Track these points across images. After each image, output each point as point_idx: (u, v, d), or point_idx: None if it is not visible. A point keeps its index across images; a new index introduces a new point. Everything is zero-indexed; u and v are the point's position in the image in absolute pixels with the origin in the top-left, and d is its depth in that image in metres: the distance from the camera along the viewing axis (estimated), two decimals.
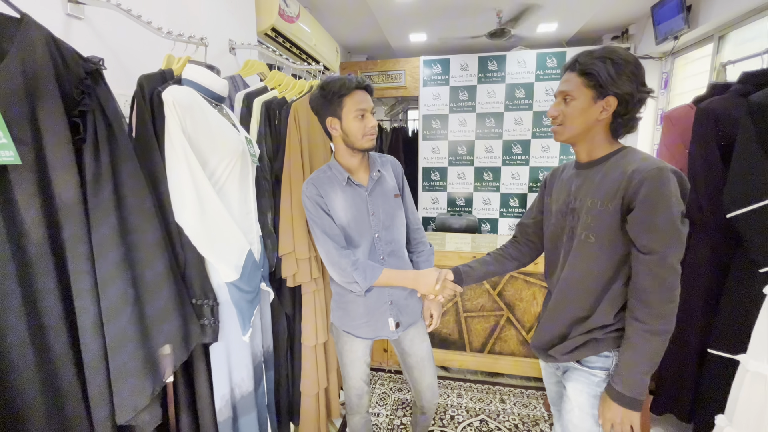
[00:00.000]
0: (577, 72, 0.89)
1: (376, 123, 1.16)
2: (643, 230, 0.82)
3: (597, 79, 0.85)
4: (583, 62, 0.88)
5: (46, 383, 0.74)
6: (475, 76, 3.61)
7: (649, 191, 0.80)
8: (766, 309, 1.00)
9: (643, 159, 0.85)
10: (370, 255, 1.21)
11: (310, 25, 2.66)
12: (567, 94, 0.91)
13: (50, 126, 0.71)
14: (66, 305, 0.78)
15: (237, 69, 1.72)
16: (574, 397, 0.96)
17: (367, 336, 1.25)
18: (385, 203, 1.22)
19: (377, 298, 1.21)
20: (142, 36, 1.21)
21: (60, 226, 0.76)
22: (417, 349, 1.30)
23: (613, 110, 0.87)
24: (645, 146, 3.20)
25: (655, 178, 0.80)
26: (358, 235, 1.18)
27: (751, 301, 1.19)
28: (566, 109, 0.92)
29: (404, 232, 1.29)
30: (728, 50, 2.42)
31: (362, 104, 1.11)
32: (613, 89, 0.85)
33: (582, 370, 0.96)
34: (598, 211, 0.88)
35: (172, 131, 0.97)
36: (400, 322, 1.24)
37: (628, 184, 0.83)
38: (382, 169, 1.24)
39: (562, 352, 0.96)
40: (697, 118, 1.52)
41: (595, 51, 0.88)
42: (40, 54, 0.70)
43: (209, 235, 1.03)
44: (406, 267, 1.27)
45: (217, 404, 1.12)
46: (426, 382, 1.32)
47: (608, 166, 0.90)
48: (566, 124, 0.93)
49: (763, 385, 0.93)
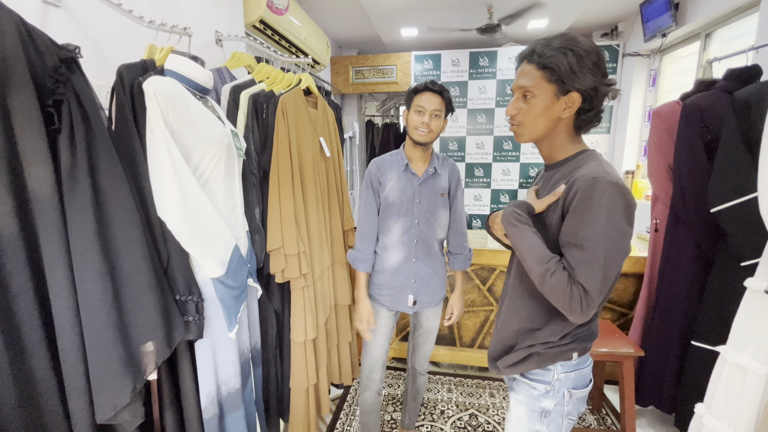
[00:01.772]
0: (536, 65, 0.79)
1: (433, 122, 1.29)
2: (565, 243, 0.76)
3: (558, 74, 0.77)
4: (542, 54, 0.78)
5: (20, 381, 0.71)
6: (467, 72, 3.61)
7: (579, 201, 0.74)
8: (746, 302, 1.01)
9: (588, 168, 0.77)
10: (405, 235, 1.37)
11: (300, 18, 2.62)
12: (526, 90, 0.81)
13: (22, 115, 0.68)
14: (41, 301, 0.75)
15: (224, 61, 1.69)
16: (514, 407, 0.95)
17: (387, 304, 1.43)
18: (431, 196, 1.38)
19: (405, 274, 1.39)
20: (122, 25, 1.17)
21: (34, 219, 0.73)
22: (429, 325, 1.50)
23: (577, 107, 0.79)
24: (633, 143, 3.24)
25: (588, 188, 0.73)
26: (399, 214, 1.36)
27: (733, 294, 1.21)
28: (526, 106, 0.82)
29: (444, 229, 1.43)
30: (714, 48, 2.45)
31: (423, 103, 1.29)
32: (576, 85, 0.77)
33: (523, 382, 0.92)
34: (547, 220, 0.83)
35: (153, 123, 0.94)
36: (417, 300, 1.41)
37: (569, 192, 0.77)
38: (440, 168, 1.39)
39: (505, 365, 0.92)
40: (683, 114, 1.54)
41: (552, 41, 0.78)
42: (9, 39, 0.67)
43: (193, 229, 1.01)
44: (435, 259, 1.42)
45: (203, 401, 1.11)
46: (425, 348, 1.55)
47: (564, 170, 0.84)
48: (526, 124, 0.83)
49: (742, 375, 0.95)
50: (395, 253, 1.39)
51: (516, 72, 0.86)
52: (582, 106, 0.80)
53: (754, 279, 0.99)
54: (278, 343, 1.58)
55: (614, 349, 1.56)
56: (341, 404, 2.01)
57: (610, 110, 3.39)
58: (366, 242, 1.40)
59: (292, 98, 1.48)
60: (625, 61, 3.29)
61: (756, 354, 0.93)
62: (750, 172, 1.25)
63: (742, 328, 1.00)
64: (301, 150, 1.51)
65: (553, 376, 0.88)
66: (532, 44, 0.82)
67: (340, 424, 1.86)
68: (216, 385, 1.13)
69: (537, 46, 0.80)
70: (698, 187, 1.46)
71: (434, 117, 1.29)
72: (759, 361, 0.92)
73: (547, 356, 0.86)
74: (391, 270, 1.40)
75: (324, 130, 1.72)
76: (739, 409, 0.94)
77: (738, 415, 0.94)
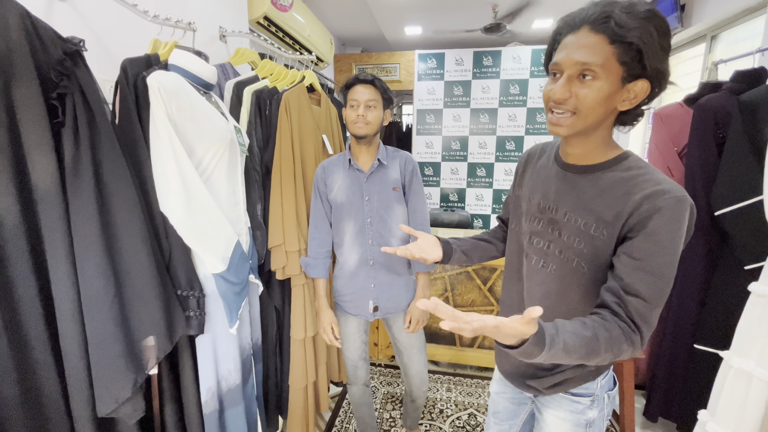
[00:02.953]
0: (608, 36, 0.59)
1: (369, 114, 1.24)
2: (633, 267, 0.63)
3: (640, 55, 0.59)
4: (624, 23, 0.58)
5: (22, 374, 0.71)
6: (470, 71, 3.59)
7: (660, 225, 0.62)
8: (749, 306, 1.01)
9: (657, 182, 0.64)
10: (359, 235, 1.31)
11: (304, 15, 2.62)
12: (589, 68, 0.60)
13: (26, 108, 0.68)
14: (43, 294, 0.75)
15: (227, 57, 1.68)
16: (555, 425, 0.85)
17: (351, 311, 1.37)
18: (382, 192, 1.31)
19: (363, 278, 1.32)
20: (127, 19, 1.16)
21: (37, 212, 0.73)
22: (404, 337, 1.38)
23: (641, 100, 0.64)
24: (636, 145, 3.22)
25: (672, 209, 0.61)
26: (350, 214, 1.30)
27: (737, 297, 1.21)
28: (585, 90, 0.62)
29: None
30: (720, 50, 2.44)
31: (355, 95, 1.24)
32: (650, 70, 0.60)
33: (564, 398, 0.84)
34: (590, 237, 0.70)
35: (157, 118, 0.94)
36: (378, 306, 1.34)
37: (634, 210, 0.64)
38: (386, 160, 1.32)
39: (547, 386, 0.82)
40: (697, 115, 1.51)
41: (636, 5, 0.59)
42: (14, 32, 0.67)
43: (195, 224, 1.01)
44: (395, 261, 1.34)
45: (203, 396, 1.11)
46: (414, 369, 1.40)
47: (606, 180, 0.69)
48: (582, 112, 0.64)
49: (746, 381, 0.95)
50: (351, 256, 1.32)
51: (563, 41, 0.65)
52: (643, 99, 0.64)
53: (758, 284, 0.99)
54: (278, 340, 1.58)
55: None
56: (340, 402, 2.01)
57: None
58: (314, 246, 1.35)
59: (296, 95, 1.47)
60: None
61: (761, 359, 0.92)
62: (755, 175, 1.24)
63: (746, 332, 0.99)
64: (303, 147, 1.51)
65: (597, 386, 0.82)
66: (600, 4, 0.61)
67: (339, 422, 1.86)
68: (216, 381, 1.14)
69: (615, 9, 0.59)
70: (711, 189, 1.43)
71: (369, 108, 1.24)
72: (764, 367, 0.91)
73: (593, 370, 0.79)
74: (348, 274, 1.34)
75: (327, 127, 1.72)
76: (744, 415, 0.93)
77: (742, 422, 0.93)
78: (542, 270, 0.78)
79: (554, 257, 0.76)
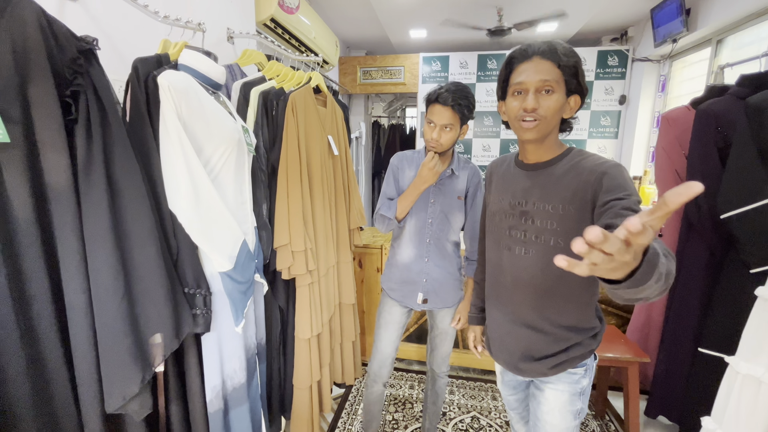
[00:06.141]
0: (555, 62, 0.80)
1: (443, 137, 1.25)
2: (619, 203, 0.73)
3: (575, 75, 0.81)
4: (566, 53, 0.80)
5: (32, 369, 0.72)
6: (474, 74, 3.60)
7: (612, 175, 0.77)
8: (756, 311, 1.00)
9: (596, 160, 0.83)
10: (419, 233, 1.38)
11: (310, 17, 2.64)
12: (549, 84, 0.80)
13: (41, 104, 0.69)
14: (54, 290, 0.76)
15: (235, 58, 1.70)
16: (555, 398, 0.94)
17: (397, 299, 1.43)
18: (446, 198, 1.37)
19: (416, 272, 1.40)
20: (137, 20, 1.18)
21: (50, 208, 0.74)
22: (444, 326, 1.48)
23: (577, 109, 0.85)
24: (641, 148, 3.22)
25: (614, 167, 0.79)
26: (413, 211, 1.37)
27: (742, 302, 1.20)
28: (548, 101, 0.81)
29: (458, 231, 1.43)
30: (726, 54, 2.43)
31: (433, 117, 1.26)
32: (582, 87, 0.83)
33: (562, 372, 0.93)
34: (560, 216, 0.83)
35: (167, 116, 0.95)
36: (428, 299, 1.41)
37: (587, 185, 0.80)
38: (458, 170, 1.38)
39: (549, 366, 0.91)
40: (698, 120, 1.52)
41: (560, 44, 0.82)
42: (30, 30, 0.68)
43: (203, 223, 1.01)
44: (448, 261, 1.41)
45: (208, 395, 1.11)
46: (442, 350, 1.52)
47: (560, 169, 0.86)
48: (547, 119, 0.82)
49: (755, 388, 0.94)
50: (407, 250, 1.41)
51: (518, 68, 0.84)
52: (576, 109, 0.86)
53: (765, 288, 0.98)
54: (282, 339, 1.58)
55: (620, 355, 1.55)
56: (343, 403, 2.01)
57: (618, 115, 3.37)
58: (379, 210, 1.38)
59: (302, 96, 1.48)
60: (635, 66, 3.27)
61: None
62: (762, 178, 1.24)
63: (754, 337, 0.98)
64: (309, 147, 1.51)
65: (591, 357, 0.92)
66: (546, 43, 0.82)
67: (342, 423, 1.86)
68: (221, 380, 1.14)
69: (557, 46, 0.81)
70: (712, 193, 1.44)
71: (444, 130, 1.24)
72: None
73: (585, 343, 0.90)
74: (402, 266, 1.42)
75: (332, 129, 1.73)
76: (753, 422, 0.92)
77: (752, 430, 0.92)
78: (525, 257, 0.90)
79: (532, 243, 0.89)
